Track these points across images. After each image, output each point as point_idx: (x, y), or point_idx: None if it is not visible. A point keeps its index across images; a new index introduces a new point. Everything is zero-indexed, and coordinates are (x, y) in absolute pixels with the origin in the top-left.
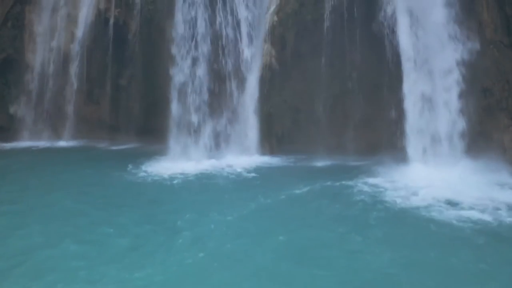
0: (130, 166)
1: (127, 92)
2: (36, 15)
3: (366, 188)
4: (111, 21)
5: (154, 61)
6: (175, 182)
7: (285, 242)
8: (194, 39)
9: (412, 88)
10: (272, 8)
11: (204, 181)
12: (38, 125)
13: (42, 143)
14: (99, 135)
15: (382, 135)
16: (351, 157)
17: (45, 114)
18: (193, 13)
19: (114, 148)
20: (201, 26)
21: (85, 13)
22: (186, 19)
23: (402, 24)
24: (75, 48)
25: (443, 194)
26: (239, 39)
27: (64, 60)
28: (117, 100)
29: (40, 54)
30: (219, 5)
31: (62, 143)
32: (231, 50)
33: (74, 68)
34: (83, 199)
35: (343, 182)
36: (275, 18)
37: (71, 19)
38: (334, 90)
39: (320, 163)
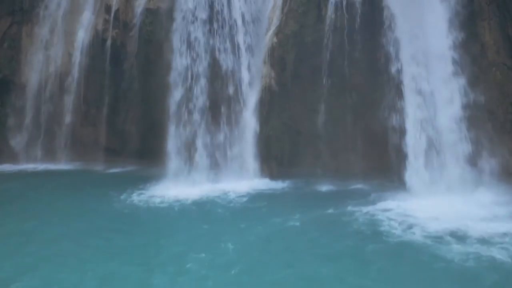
0: (125, 192)
1: (124, 114)
2: (33, 36)
3: (365, 217)
4: (109, 42)
5: (151, 83)
6: (170, 209)
7: (276, 281)
8: (193, 60)
9: (414, 112)
10: (272, 29)
11: (200, 208)
12: (33, 147)
13: (37, 166)
14: (95, 157)
15: (384, 158)
16: (352, 181)
17: (41, 136)
18: (191, 34)
19: (111, 171)
20: (200, 47)
21: (82, 34)
22: (184, 40)
23: (404, 48)
24: (72, 69)
25: (447, 225)
26: (238, 60)
27: (61, 81)
28: (114, 122)
29: (36, 75)
30: (218, 26)
31: (57, 166)
32: (230, 72)
33: (70, 89)
34: (72, 227)
35: (342, 210)
36: (275, 39)
37: (68, 40)
38: (335, 112)
39: (320, 188)
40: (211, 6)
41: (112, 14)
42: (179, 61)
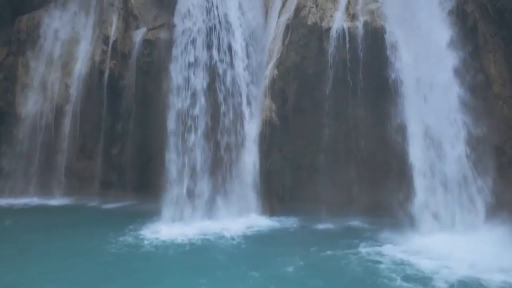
0: (118, 231)
1: (121, 146)
2: (29, 67)
3: (369, 262)
4: (106, 73)
5: (149, 115)
6: (164, 252)
7: None
8: (191, 93)
9: (419, 147)
10: (272, 61)
11: (194, 251)
12: (28, 180)
13: (31, 201)
14: (91, 191)
15: (390, 194)
16: (356, 217)
17: (35, 168)
18: (191, 67)
19: (106, 206)
20: (199, 81)
21: (79, 65)
22: (184, 72)
23: (408, 80)
24: (68, 100)
25: (460, 271)
26: (238, 93)
27: (57, 113)
28: (111, 155)
29: (32, 107)
30: (218, 58)
31: (51, 201)
32: (230, 105)
33: (66, 121)
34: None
35: (345, 252)
36: (276, 71)
37: (65, 71)
38: (337, 146)
39: (321, 226)
40: (211, 38)
41: (110, 45)
42: (177, 94)
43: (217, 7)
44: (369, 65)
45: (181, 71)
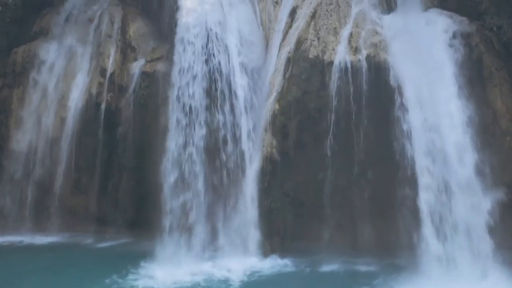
0: (111, 274)
1: (117, 181)
2: (24, 99)
3: None
4: (103, 106)
5: (146, 149)
6: None
7: None
8: (190, 129)
9: (427, 183)
10: (273, 95)
11: None
12: (20, 217)
13: (22, 238)
14: (85, 228)
15: (394, 234)
16: (361, 258)
17: (29, 204)
18: (189, 101)
19: (101, 245)
20: (198, 115)
21: (75, 98)
22: (182, 108)
23: (413, 116)
24: (64, 134)
25: None
26: (238, 129)
27: (52, 147)
28: (106, 191)
29: (26, 141)
30: (217, 93)
31: (44, 239)
32: (229, 141)
33: (61, 155)
34: None
35: None
36: (276, 106)
37: (61, 104)
38: (341, 182)
39: (327, 268)
40: (211, 72)
41: (107, 77)
42: (176, 129)
43: (216, 37)
44: (372, 100)
45: (178, 110)
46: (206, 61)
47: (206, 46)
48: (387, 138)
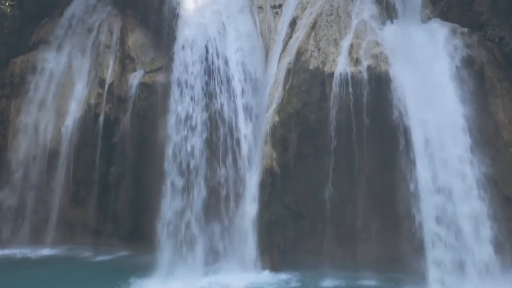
0: None
1: (115, 194)
2: (22, 110)
3: None
4: (102, 116)
5: (145, 161)
6: None
7: None
8: (189, 141)
9: (430, 196)
10: (273, 107)
11: None
12: (17, 229)
13: (19, 251)
14: (84, 240)
15: (398, 248)
16: (362, 272)
17: (26, 217)
18: (188, 112)
19: (99, 258)
20: (197, 128)
21: (74, 109)
22: (181, 119)
23: (414, 128)
24: (62, 145)
25: None
26: (237, 141)
27: (50, 158)
28: (105, 203)
29: (23, 152)
30: (216, 104)
31: (41, 251)
32: (228, 153)
33: (59, 167)
34: None
35: None
36: (276, 118)
37: (59, 115)
38: (342, 195)
39: (328, 283)
40: (210, 83)
41: (106, 88)
42: (175, 141)
43: (216, 50)
44: (374, 111)
45: (178, 118)
46: (205, 71)
47: (206, 58)
48: (389, 148)
